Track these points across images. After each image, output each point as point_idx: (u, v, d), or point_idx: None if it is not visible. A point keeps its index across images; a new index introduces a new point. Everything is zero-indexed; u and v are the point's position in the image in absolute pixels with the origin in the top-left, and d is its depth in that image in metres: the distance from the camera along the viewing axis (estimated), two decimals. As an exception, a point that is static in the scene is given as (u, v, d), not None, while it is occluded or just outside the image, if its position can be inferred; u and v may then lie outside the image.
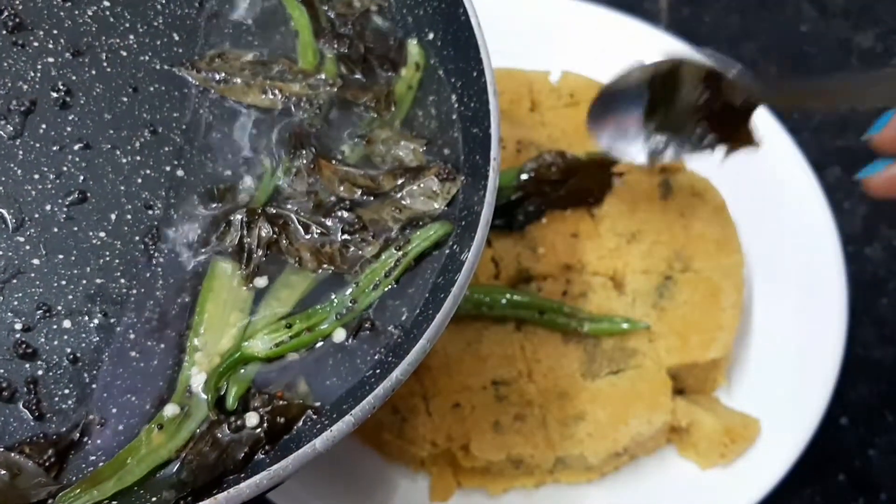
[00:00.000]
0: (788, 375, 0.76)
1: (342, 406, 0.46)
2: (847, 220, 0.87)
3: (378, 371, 0.47)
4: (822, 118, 0.94)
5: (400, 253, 0.52)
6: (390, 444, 0.71)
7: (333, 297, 0.51)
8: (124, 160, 0.51)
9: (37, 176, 0.49)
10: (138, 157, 0.51)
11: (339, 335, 0.49)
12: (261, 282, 0.51)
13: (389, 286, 0.51)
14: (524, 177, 0.75)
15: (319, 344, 0.49)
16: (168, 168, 0.52)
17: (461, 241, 0.51)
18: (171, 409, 0.46)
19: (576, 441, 0.69)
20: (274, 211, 0.52)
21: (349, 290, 0.51)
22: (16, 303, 0.47)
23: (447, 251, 0.52)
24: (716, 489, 0.72)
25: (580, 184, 0.76)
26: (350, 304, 0.50)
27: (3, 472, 0.43)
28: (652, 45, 0.90)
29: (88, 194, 0.50)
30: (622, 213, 0.78)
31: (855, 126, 0.93)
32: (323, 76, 0.57)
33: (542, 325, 0.73)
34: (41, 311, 0.47)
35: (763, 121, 0.86)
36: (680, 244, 0.77)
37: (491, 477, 0.71)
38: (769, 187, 0.83)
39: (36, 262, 0.48)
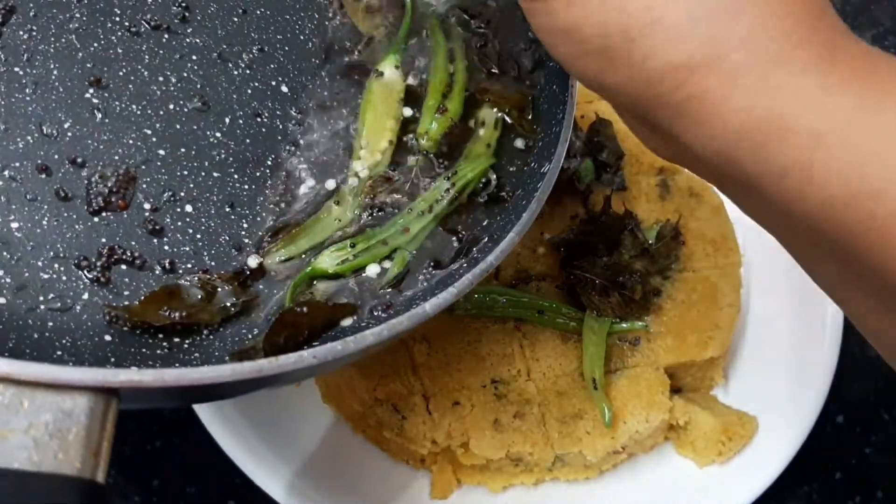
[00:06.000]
0: (785, 374, 0.76)
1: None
2: (844, 220, 0.87)
3: (465, 264, 0.52)
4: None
5: (449, 182, 0.56)
6: (391, 442, 0.72)
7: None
8: (235, 72, 0.57)
9: (161, 78, 0.55)
10: (248, 71, 0.57)
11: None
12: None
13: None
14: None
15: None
16: (273, 83, 0.57)
17: (540, 158, 0.56)
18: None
19: (574, 439, 0.70)
20: None
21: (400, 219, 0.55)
22: (144, 186, 0.52)
23: (525, 168, 0.57)
24: (713, 487, 0.72)
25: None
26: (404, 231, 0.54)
27: (199, 291, 0.50)
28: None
29: (206, 98, 0.55)
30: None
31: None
32: None
33: (541, 325, 0.73)
34: (167, 195, 0.52)
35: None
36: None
37: (490, 474, 0.72)
38: (767, 188, 0.84)
39: (161, 152, 0.53)
